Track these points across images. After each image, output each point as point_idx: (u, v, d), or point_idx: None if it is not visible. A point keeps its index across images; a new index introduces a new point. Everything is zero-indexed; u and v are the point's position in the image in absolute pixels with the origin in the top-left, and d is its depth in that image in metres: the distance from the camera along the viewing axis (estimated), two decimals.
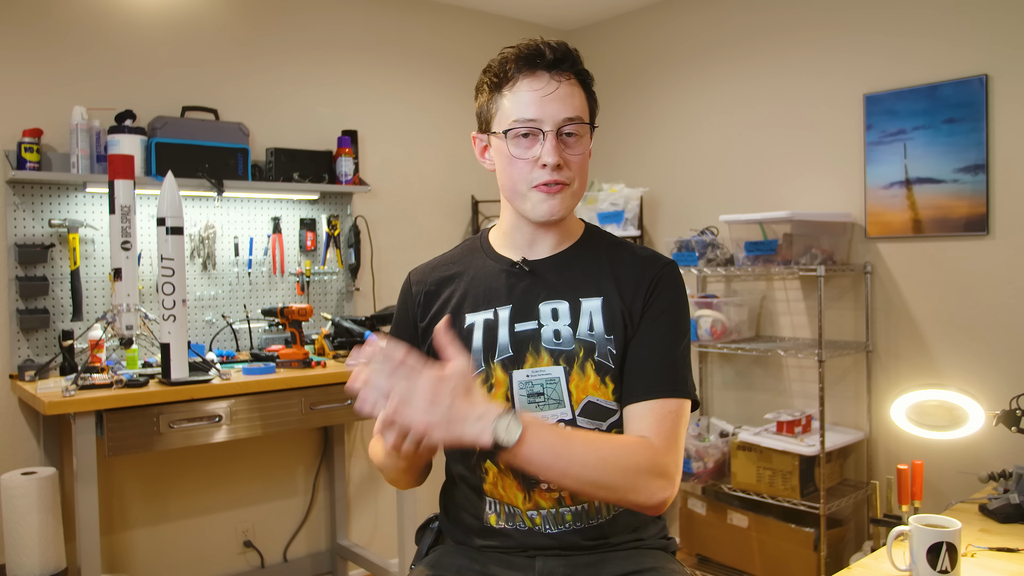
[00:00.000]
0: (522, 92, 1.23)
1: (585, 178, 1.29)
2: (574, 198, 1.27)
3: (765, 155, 3.17)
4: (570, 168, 1.24)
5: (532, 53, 1.23)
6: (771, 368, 3.18)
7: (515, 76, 1.24)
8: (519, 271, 1.31)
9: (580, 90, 1.26)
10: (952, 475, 2.61)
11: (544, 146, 1.22)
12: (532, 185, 1.24)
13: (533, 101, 1.22)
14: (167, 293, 2.28)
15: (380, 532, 3.40)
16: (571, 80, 1.25)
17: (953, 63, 2.62)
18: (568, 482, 1.10)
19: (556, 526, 1.24)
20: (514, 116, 1.23)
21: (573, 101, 1.23)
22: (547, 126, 1.22)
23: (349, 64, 3.32)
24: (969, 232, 2.59)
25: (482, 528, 1.28)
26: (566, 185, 1.24)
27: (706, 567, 3.05)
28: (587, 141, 1.27)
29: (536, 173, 1.23)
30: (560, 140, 1.23)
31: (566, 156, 1.23)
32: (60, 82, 2.66)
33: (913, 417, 2.50)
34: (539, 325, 1.27)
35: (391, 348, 1.02)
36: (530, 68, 1.23)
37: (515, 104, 1.23)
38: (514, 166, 1.25)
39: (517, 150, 1.24)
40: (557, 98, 1.22)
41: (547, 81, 1.23)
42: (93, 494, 2.20)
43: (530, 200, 1.25)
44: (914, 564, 1.53)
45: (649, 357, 1.23)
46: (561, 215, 1.26)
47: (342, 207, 3.25)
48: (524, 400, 1.24)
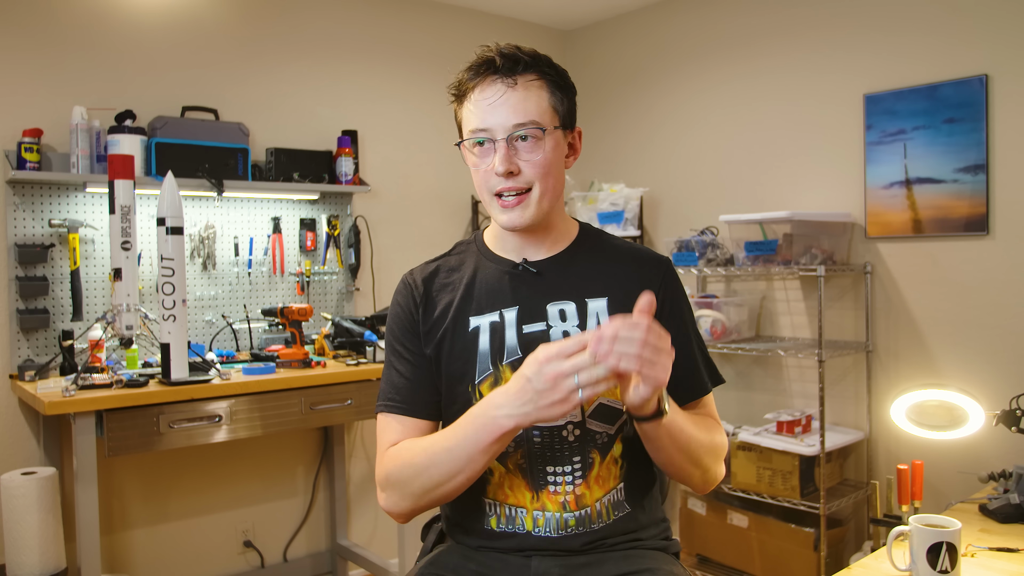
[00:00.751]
0: (475, 101, 1.24)
1: (554, 179, 1.25)
2: (539, 205, 1.24)
3: (765, 155, 3.17)
4: (526, 174, 1.22)
5: (482, 62, 1.24)
6: (771, 368, 3.18)
7: (468, 86, 1.25)
8: (523, 272, 1.30)
9: (543, 92, 1.24)
10: (952, 475, 2.61)
11: (496, 155, 1.22)
12: (493, 192, 1.25)
13: (481, 110, 1.23)
14: (167, 293, 2.28)
15: (380, 532, 3.40)
16: (531, 82, 1.23)
17: (953, 63, 2.62)
18: (678, 457, 1.19)
19: (557, 531, 1.23)
20: (469, 127, 1.25)
21: (526, 105, 1.22)
22: (498, 134, 1.22)
23: (349, 64, 3.32)
24: (969, 232, 2.59)
25: (481, 530, 1.28)
26: (525, 192, 1.23)
27: (706, 567, 3.05)
28: (548, 143, 1.23)
29: (493, 180, 1.24)
30: (513, 147, 1.22)
31: (519, 163, 1.22)
32: (60, 82, 2.66)
33: (913, 417, 2.50)
34: (548, 326, 1.26)
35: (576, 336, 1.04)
36: (481, 77, 1.24)
37: (469, 115, 1.25)
38: (476, 175, 1.27)
39: (474, 160, 1.26)
40: (505, 104, 1.21)
41: (497, 87, 1.22)
42: (93, 494, 2.20)
43: (493, 208, 1.27)
44: (914, 564, 1.53)
45: (695, 359, 1.31)
46: (527, 222, 1.24)
47: (342, 207, 3.25)
48: None
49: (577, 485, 1.23)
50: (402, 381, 1.30)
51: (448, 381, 1.29)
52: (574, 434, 1.23)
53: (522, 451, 1.24)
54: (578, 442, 1.23)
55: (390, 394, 1.30)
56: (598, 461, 1.24)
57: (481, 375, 1.25)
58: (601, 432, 1.24)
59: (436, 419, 1.31)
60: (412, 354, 1.31)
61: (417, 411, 1.28)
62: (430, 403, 1.30)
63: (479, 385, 1.26)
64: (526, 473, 1.23)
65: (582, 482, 1.23)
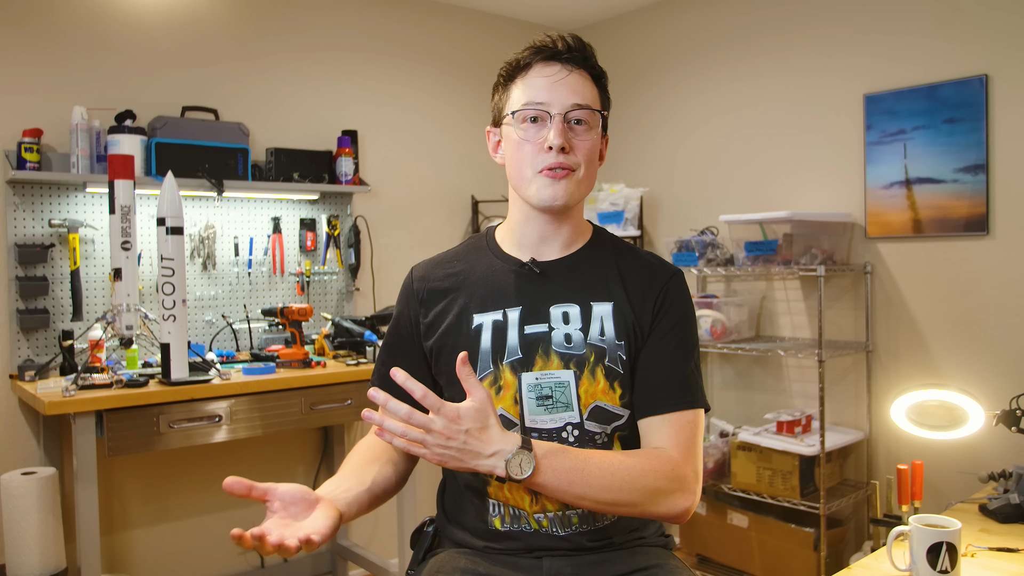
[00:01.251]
0: (533, 78, 1.25)
1: (593, 169, 1.28)
2: (580, 186, 1.26)
3: (765, 155, 3.17)
4: (576, 154, 1.24)
5: (547, 44, 1.26)
6: (771, 368, 3.18)
7: (528, 63, 1.27)
8: (528, 272, 1.30)
9: (592, 84, 1.28)
10: (952, 475, 2.61)
11: (551, 129, 1.23)
12: (538, 169, 1.24)
13: (543, 86, 1.24)
14: (167, 293, 2.28)
15: (380, 532, 3.40)
16: (583, 72, 1.27)
17: (953, 63, 2.62)
18: (586, 503, 1.14)
19: (563, 528, 1.24)
20: (524, 100, 1.25)
21: (584, 90, 1.25)
22: (555, 109, 1.23)
23: (349, 64, 3.32)
24: (969, 232, 2.59)
25: (486, 531, 1.27)
26: (571, 171, 1.24)
27: (706, 567, 3.05)
28: (597, 132, 1.27)
29: (542, 157, 1.24)
30: (568, 126, 1.24)
31: (573, 141, 1.24)
32: (60, 82, 2.66)
33: (913, 417, 2.50)
34: (550, 328, 1.26)
35: (396, 405, 1.07)
36: (542, 57, 1.26)
37: (526, 89, 1.26)
38: (521, 149, 1.25)
39: (524, 133, 1.25)
40: (567, 84, 1.24)
41: (558, 68, 1.25)
42: (93, 494, 2.20)
43: (535, 184, 1.25)
44: (914, 564, 1.53)
45: (664, 371, 1.24)
46: (565, 201, 1.25)
47: (342, 207, 3.25)
48: (533, 403, 1.23)
49: None
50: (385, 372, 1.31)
51: (449, 377, 1.29)
52: (573, 435, 1.23)
53: None
54: (577, 442, 1.23)
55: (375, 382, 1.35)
56: None
57: (481, 373, 1.26)
58: (599, 432, 1.24)
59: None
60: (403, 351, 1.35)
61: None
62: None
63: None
64: None
65: None
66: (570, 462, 1.12)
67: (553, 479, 1.10)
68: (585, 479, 1.11)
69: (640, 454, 1.19)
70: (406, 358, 1.34)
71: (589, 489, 1.12)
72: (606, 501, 1.13)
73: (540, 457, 1.09)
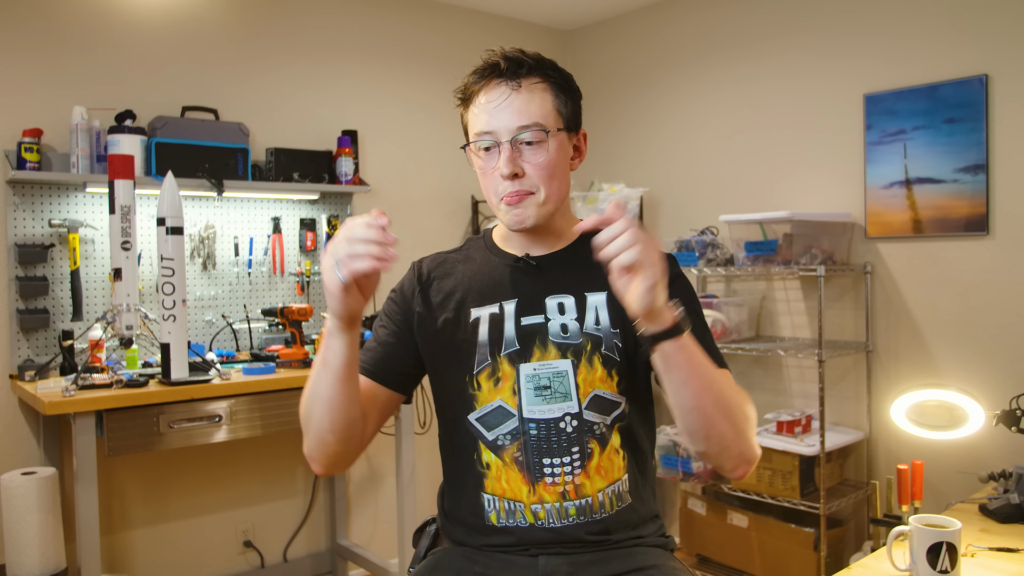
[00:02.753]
0: (480, 104, 1.26)
1: (559, 182, 1.26)
2: (544, 206, 1.25)
3: (765, 155, 3.17)
4: (531, 176, 1.24)
5: (487, 66, 1.26)
6: (771, 368, 3.18)
7: (473, 90, 1.28)
8: (524, 266, 1.32)
9: (547, 95, 1.25)
10: (952, 475, 2.61)
11: (501, 157, 1.23)
12: (499, 197, 1.26)
13: (485, 112, 1.25)
14: (167, 293, 2.28)
15: (380, 532, 3.40)
16: (535, 85, 1.25)
17: (953, 63, 2.62)
18: (705, 399, 1.09)
19: (559, 520, 1.24)
20: (475, 129, 1.27)
21: (530, 108, 1.23)
22: (503, 136, 1.23)
23: (349, 64, 3.32)
24: (969, 232, 2.59)
25: (483, 527, 1.28)
26: (530, 193, 1.25)
27: (706, 567, 3.05)
28: (552, 146, 1.24)
29: (501, 184, 1.25)
30: (517, 149, 1.23)
31: (523, 165, 1.23)
32: (60, 82, 2.65)
33: (913, 417, 2.50)
34: (546, 319, 1.28)
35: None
36: (486, 80, 1.26)
37: (474, 118, 1.27)
38: (483, 179, 1.29)
39: (481, 163, 1.27)
40: (510, 107, 1.23)
41: (502, 90, 1.24)
42: (93, 494, 2.20)
43: (500, 211, 1.28)
44: (914, 564, 1.53)
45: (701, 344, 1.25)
46: (532, 223, 1.26)
47: (342, 207, 3.25)
48: (531, 393, 1.25)
49: (576, 475, 1.24)
50: (375, 345, 1.34)
51: (447, 370, 1.31)
52: (571, 425, 1.24)
53: (518, 444, 1.25)
54: (576, 432, 1.24)
55: (362, 356, 1.33)
56: (597, 451, 1.25)
57: (480, 365, 1.27)
58: (598, 422, 1.25)
59: (400, 391, 1.33)
60: (394, 324, 1.34)
61: (378, 376, 1.31)
62: (395, 372, 1.32)
63: (477, 375, 1.27)
64: (522, 466, 1.24)
65: (581, 472, 1.24)
66: (699, 350, 1.10)
67: (696, 350, 1.08)
68: (711, 370, 1.10)
69: (735, 387, 1.19)
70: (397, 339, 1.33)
71: (715, 382, 1.10)
72: (723, 407, 1.11)
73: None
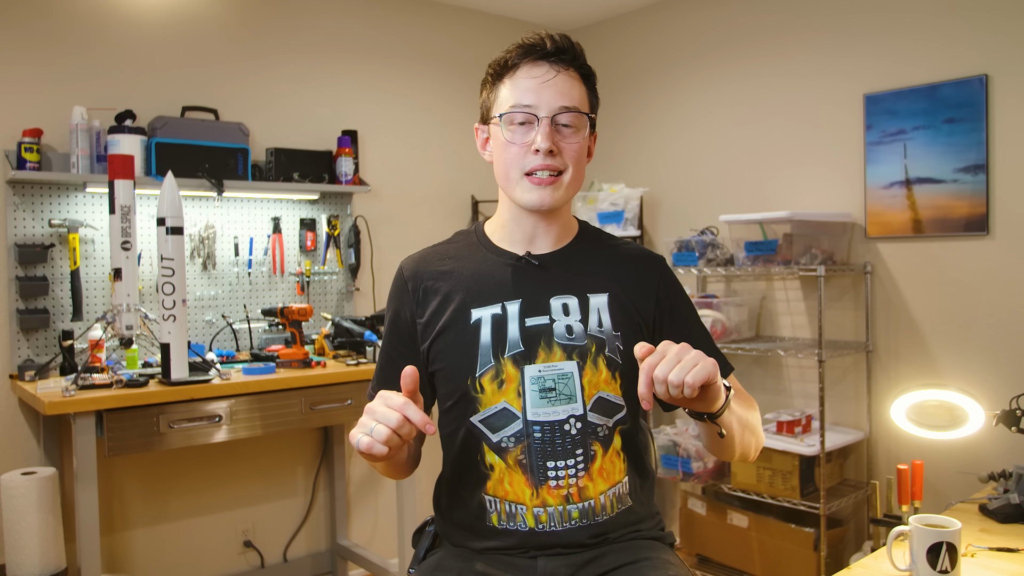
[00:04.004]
0: (521, 79, 1.25)
1: (581, 171, 1.28)
2: (567, 190, 1.27)
3: (765, 155, 3.17)
4: (564, 156, 1.25)
5: (534, 43, 1.25)
6: (771, 368, 3.18)
7: (516, 64, 1.26)
8: (526, 265, 1.31)
9: (580, 84, 1.27)
10: (952, 475, 2.61)
11: (539, 132, 1.23)
12: (524, 172, 1.25)
13: (531, 88, 1.24)
14: (167, 293, 2.28)
15: (380, 532, 3.40)
16: (571, 72, 1.26)
17: (953, 63, 2.62)
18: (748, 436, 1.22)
19: (561, 523, 1.24)
20: (511, 102, 1.25)
21: (572, 92, 1.25)
22: (542, 112, 1.23)
23: (349, 64, 3.32)
24: (969, 232, 2.59)
25: (483, 529, 1.27)
26: (559, 174, 1.25)
27: (706, 567, 3.05)
28: (584, 134, 1.27)
29: (529, 159, 1.24)
30: (555, 128, 1.24)
31: (560, 144, 1.24)
32: (60, 82, 2.65)
33: (913, 417, 2.50)
34: (551, 320, 1.27)
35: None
36: (531, 57, 1.25)
37: (513, 90, 1.25)
38: (508, 151, 1.26)
39: (512, 135, 1.25)
40: (554, 86, 1.24)
41: (546, 69, 1.24)
42: (93, 494, 2.20)
43: (520, 187, 1.26)
44: (914, 564, 1.53)
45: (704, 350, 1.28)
46: (552, 204, 1.26)
47: (342, 207, 3.25)
48: (536, 395, 1.24)
49: (580, 477, 1.23)
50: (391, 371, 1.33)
51: (448, 374, 1.28)
52: (576, 427, 1.23)
53: (522, 446, 1.24)
54: (580, 435, 1.24)
55: (377, 386, 1.35)
56: (600, 454, 1.25)
57: (482, 368, 1.25)
58: (602, 424, 1.25)
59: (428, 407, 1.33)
60: (400, 356, 1.33)
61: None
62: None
63: (480, 378, 1.25)
64: (526, 469, 1.23)
65: (584, 474, 1.24)
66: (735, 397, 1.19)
67: (736, 408, 1.17)
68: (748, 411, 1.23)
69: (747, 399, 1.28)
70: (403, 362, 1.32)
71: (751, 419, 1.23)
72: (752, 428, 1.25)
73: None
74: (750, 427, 1.24)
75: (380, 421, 1.04)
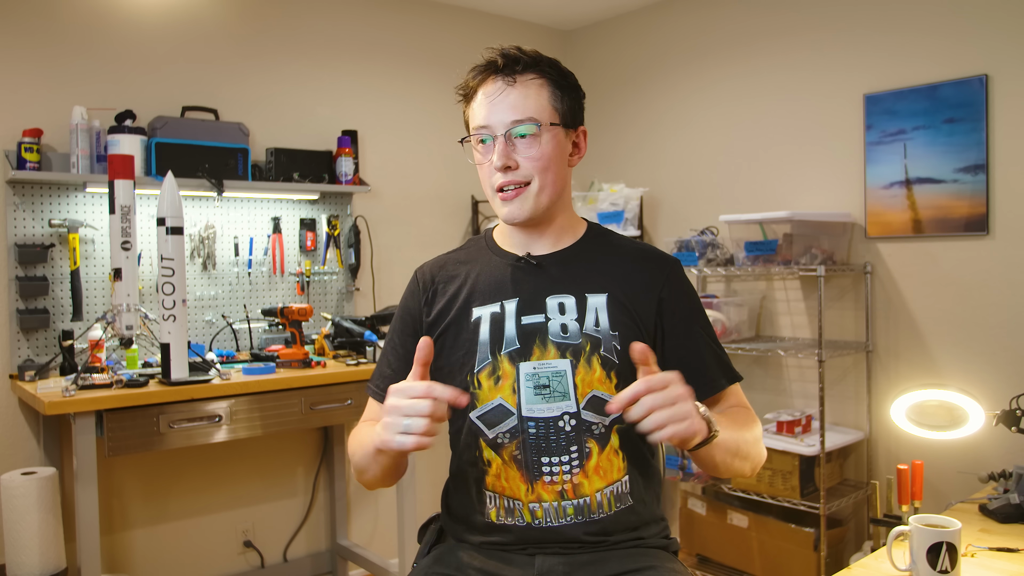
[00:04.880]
0: (479, 100, 1.30)
1: (553, 177, 1.29)
2: (538, 198, 1.28)
3: (765, 155, 3.17)
4: (524, 168, 1.27)
5: (485, 63, 1.29)
6: (771, 368, 3.18)
7: (472, 85, 1.31)
8: (525, 265, 1.33)
9: (543, 90, 1.28)
10: (952, 475, 2.61)
11: (495, 150, 1.26)
12: (494, 188, 1.29)
13: (482, 107, 1.29)
14: (167, 293, 2.28)
15: (380, 532, 3.40)
16: (531, 81, 1.27)
17: (953, 63, 2.62)
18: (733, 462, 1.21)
19: (557, 519, 1.24)
20: (473, 123, 1.31)
21: (525, 103, 1.26)
22: (498, 130, 1.27)
23: (349, 64, 3.32)
24: (969, 232, 2.59)
25: (483, 524, 1.29)
26: (523, 186, 1.27)
27: (706, 567, 3.05)
28: (546, 140, 1.27)
29: (495, 176, 1.28)
30: (511, 143, 1.26)
31: (516, 158, 1.26)
32: (60, 82, 2.65)
33: (913, 417, 2.50)
34: (546, 318, 1.29)
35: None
36: (484, 76, 1.30)
37: (473, 113, 1.31)
38: (480, 172, 1.32)
39: (478, 156, 1.31)
40: (505, 101, 1.27)
41: (499, 85, 1.28)
42: (93, 494, 2.20)
43: (495, 203, 1.31)
44: (914, 564, 1.53)
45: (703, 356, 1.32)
46: (525, 216, 1.29)
47: (342, 207, 3.25)
48: (530, 392, 1.25)
49: (575, 474, 1.24)
50: (389, 372, 1.38)
51: (448, 370, 1.31)
52: (570, 424, 1.25)
53: (517, 442, 1.25)
54: (574, 432, 1.24)
55: (376, 381, 1.40)
56: (596, 451, 1.25)
57: (480, 364, 1.28)
58: (596, 423, 1.25)
59: None
60: (406, 350, 1.36)
61: None
62: None
63: (478, 374, 1.28)
64: (521, 464, 1.25)
65: (579, 471, 1.24)
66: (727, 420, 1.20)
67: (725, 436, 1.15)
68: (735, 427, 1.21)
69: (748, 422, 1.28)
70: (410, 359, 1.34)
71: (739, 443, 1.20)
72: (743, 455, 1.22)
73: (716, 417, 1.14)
74: (741, 453, 1.21)
75: (411, 414, 1.05)
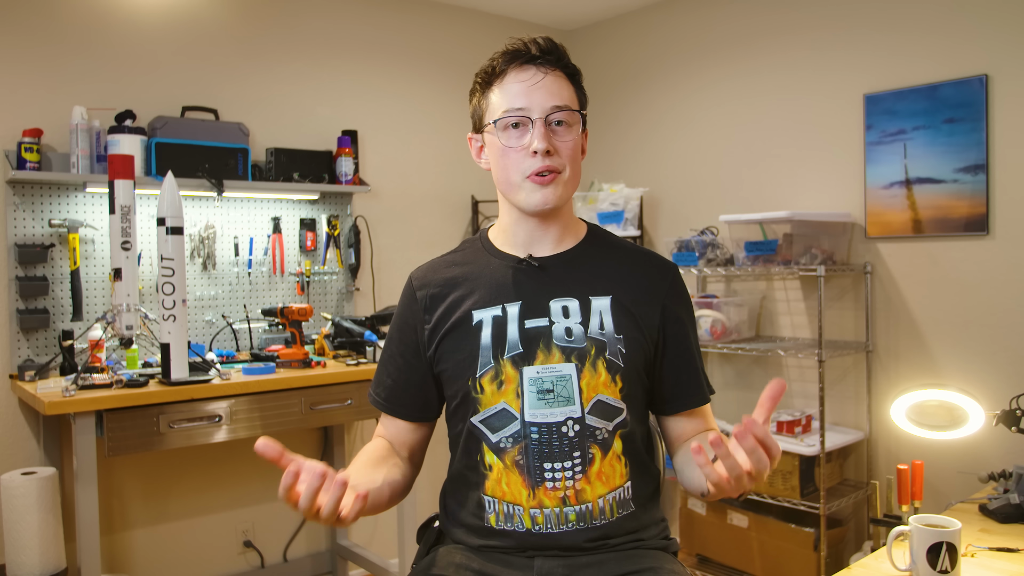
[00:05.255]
0: (510, 84, 1.27)
1: (578, 168, 1.30)
2: (567, 187, 1.28)
3: (765, 155, 3.17)
4: (561, 155, 1.26)
5: (518, 48, 1.27)
6: (771, 368, 3.18)
7: (503, 70, 1.28)
8: (527, 267, 1.32)
9: (568, 83, 1.29)
10: (952, 475, 2.61)
11: (533, 133, 1.24)
12: (525, 175, 1.26)
13: (521, 91, 1.26)
14: (167, 293, 2.28)
15: (380, 532, 3.40)
16: (558, 73, 1.28)
17: (953, 63, 2.62)
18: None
19: (558, 526, 1.24)
20: (504, 107, 1.26)
21: (561, 91, 1.27)
22: (535, 114, 1.25)
23: (349, 64, 3.32)
24: (969, 232, 2.59)
25: (482, 528, 1.28)
26: (557, 173, 1.26)
27: (706, 567, 3.05)
28: (577, 131, 1.28)
29: (527, 162, 1.25)
30: (549, 128, 1.25)
31: (556, 143, 1.25)
32: (60, 82, 2.65)
33: (913, 417, 2.50)
34: (550, 322, 1.27)
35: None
36: (517, 62, 1.27)
37: (504, 96, 1.27)
38: (506, 156, 1.27)
39: (508, 140, 1.27)
40: (544, 87, 1.25)
41: (533, 72, 1.26)
42: (93, 494, 2.20)
43: (523, 190, 1.27)
44: (914, 564, 1.53)
45: (689, 369, 1.33)
46: (554, 204, 1.27)
47: (342, 207, 3.25)
48: (534, 397, 1.24)
49: (577, 480, 1.23)
50: (389, 381, 1.37)
51: (450, 375, 1.30)
52: (573, 429, 1.23)
53: (519, 447, 1.24)
54: (578, 437, 1.23)
55: (377, 389, 1.39)
56: (599, 457, 1.24)
57: (482, 368, 1.26)
58: (600, 428, 1.25)
59: (420, 420, 1.37)
60: (405, 361, 1.36)
61: (397, 411, 1.37)
62: (413, 406, 1.36)
63: (480, 378, 1.26)
64: (523, 470, 1.24)
65: (582, 477, 1.23)
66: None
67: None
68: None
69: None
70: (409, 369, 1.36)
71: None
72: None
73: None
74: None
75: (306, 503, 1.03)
